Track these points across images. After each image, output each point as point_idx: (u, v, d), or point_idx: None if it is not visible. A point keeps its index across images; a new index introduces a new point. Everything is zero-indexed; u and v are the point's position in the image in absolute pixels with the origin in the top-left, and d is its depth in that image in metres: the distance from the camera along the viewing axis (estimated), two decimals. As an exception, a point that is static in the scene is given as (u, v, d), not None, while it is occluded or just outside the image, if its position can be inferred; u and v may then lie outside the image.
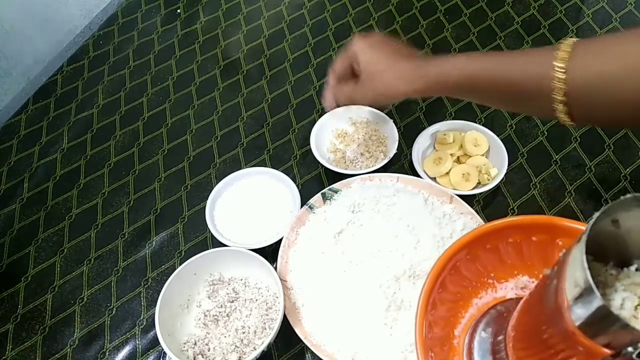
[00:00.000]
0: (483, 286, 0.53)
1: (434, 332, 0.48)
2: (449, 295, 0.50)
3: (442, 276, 0.48)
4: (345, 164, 0.72)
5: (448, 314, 0.50)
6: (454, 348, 0.49)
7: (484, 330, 0.49)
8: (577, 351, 0.31)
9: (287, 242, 0.64)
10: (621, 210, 0.30)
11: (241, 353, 0.57)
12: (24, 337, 0.64)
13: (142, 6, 1.00)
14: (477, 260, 0.51)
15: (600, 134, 0.74)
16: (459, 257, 0.49)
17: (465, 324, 0.51)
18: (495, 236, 0.49)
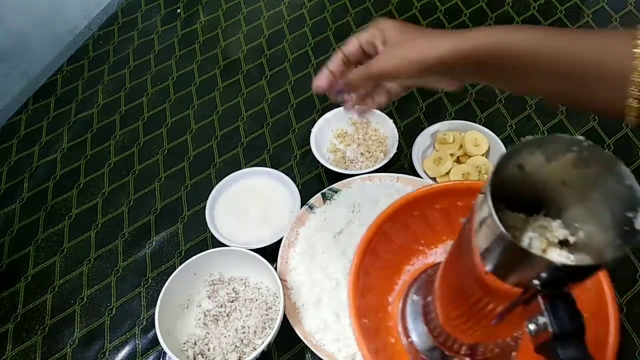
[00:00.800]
0: (414, 253, 0.54)
1: (368, 299, 0.48)
2: (381, 262, 0.51)
3: (373, 244, 0.49)
4: (345, 164, 0.72)
5: (381, 281, 0.51)
6: (388, 314, 0.50)
7: (415, 294, 0.50)
8: (492, 295, 0.32)
9: (287, 242, 0.64)
10: (524, 154, 0.30)
11: (241, 353, 0.57)
12: (24, 337, 0.64)
13: (142, 6, 1.00)
14: (407, 228, 0.52)
15: (600, 134, 0.74)
16: (389, 225, 0.50)
17: (399, 290, 0.52)
18: (422, 203, 0.50)
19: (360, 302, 0.46)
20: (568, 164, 0.29)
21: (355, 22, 0.93)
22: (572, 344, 0.26)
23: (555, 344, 0.26)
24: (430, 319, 0.47)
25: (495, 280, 0.29)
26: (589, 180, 0.28)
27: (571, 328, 0.26)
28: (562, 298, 0.27)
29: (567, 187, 0.30)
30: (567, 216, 0.31)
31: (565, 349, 0.26)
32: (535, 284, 0.27)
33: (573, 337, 0.26)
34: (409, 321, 0.49)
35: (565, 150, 0.29)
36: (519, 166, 0.30)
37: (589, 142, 0.27)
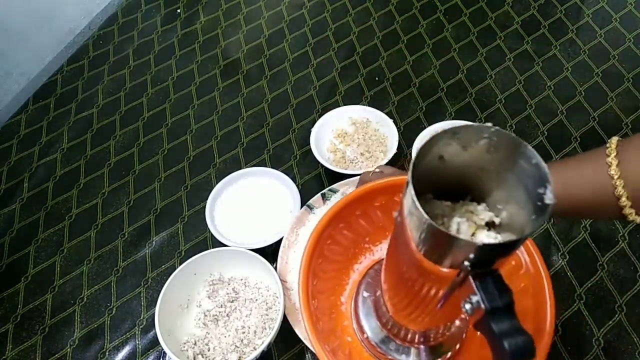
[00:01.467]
0: (361, 251, 0.55)
1: (321, 301, 0.49)
2: (330, 264, 0.52)
3: (320, 247, 0.50)
4: (345, 164, 0.72)
5: (332, 282, 0.52)
6: (342, 313, 0.52)
7: (365, 291, 0.52)
8: (431, 280, 0.33)
9: (287, 243, 0.64)
10: (442, 145, 0.31)
11: (241, 353, 0.57)
12: (24, 337, 0.64)
13: (142, 6, 1.00)
14: (351, 227, 0.53)
15: (600, 134, 0.74)
16: (333, 227, 0.51)
17: (350, 289, 0.53)
18: (362, 202, 0.52)
19: (313, 305, 0.48)
20: (482, 150, 0.30)
21: (355, 22, 0.93)
22: (503, 318, 0.28)
23: (489, 319, 0.28)
24: (381, 313, 0.48)
25: (432, 265, 0.31)
26: (502, 163, 0.30)
27: (501, 303, 0.28)
28: (491, 275, 0.28)
29: (485, 172, 0.32)
30: (490, 199, 0.33)
31: (498, 323, 0.28)
32: (466, 265, 0.28)
33: (504, 311, 0.28)
34: (362, 318, 0.51)
35: (477, 138, 0.30)
36: (439, 157, 0.31)
37: (495, 128, 0.28)
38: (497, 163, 0.30)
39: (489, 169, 0.31)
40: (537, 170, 0.27)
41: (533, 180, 0.28)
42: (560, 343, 0.58)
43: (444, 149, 0.31)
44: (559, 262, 0.63)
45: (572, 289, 0.61)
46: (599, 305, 0.60)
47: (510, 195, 0.31)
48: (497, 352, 0.29)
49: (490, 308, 0.28)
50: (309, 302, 0.47)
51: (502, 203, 0.32)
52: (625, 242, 0.64)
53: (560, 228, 0.66)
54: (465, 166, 0.32)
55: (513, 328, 0.28)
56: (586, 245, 0.64)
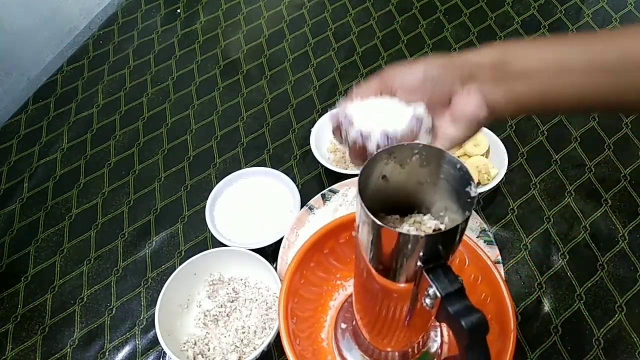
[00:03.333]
0: (334, 288, 0.58)
1: (302, 341, 0.51)
2: (306, 304, 0.54)
3: (294, 287, 0.52)
4: (345, 164, 0.72)
5: (310, 322, 0.55)
6: (324, 350, 0.54)
7: (343, 323, 0.54)
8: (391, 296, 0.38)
9: (287, 243, 0.64)
10: (382, 165, 0.34)
11: (241, 353, 0.57)
12: (24, 337, 0.64)
13: (142, 6, 1.00)
14: (321, 266, 0.55)
15: (600, 134, 0.74)
16: (305, 267, 0.53)
17: (329, 325, 0.56)
18: (327, 239, 0.54)
19: (295, 346, 0.49)
20: (416, 165, 0.34)
21: (355, 22, 0.93)
22: (457, 301, 0.31)
23: (445, 304, 0.31)
24: (360, 341, 0.50)
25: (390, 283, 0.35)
26: (435, 174, 0.34)
27: (453, 288, 0.31)
28: (441, 268, 0.32)
29: (424, 186, 0.36)
30: (433, 210, 0.37)
31: (453, 305, 0.31)
32: (419, 265, 0.32)
33: (456, 295, 0.31)
34: (343, 349, 0.53)
35: (410, 155, 0.33)
36: (382, 177, 0.35)
37: (422, 144, 0.33)
38: (431, 175, 0.34)
39: (426, 181, 0.35)
40: (461, 173, 0.32)
41: (461, 182, 0.32)
42: (560, 343, 0.58)
43: (385, 169, 0.34)
44: (559, 262, 0.63)
45: (572, 289, 0.61)
46: (598, 305, 0.60)
47: (447, 201, 0.35)
48: (457, 332, 0.32)
49: (445, 294, 0.31)
50: (291, 341, 0.48)
51: (442, 211, 0.36)
52: (625, 242, 0.64)
53: (560, 228, 0.66)
54: (406, 182, 0.36)
55: (466, 308, 0.31)
56: (586, 245, 0.64)
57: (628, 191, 0.68)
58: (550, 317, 0.60)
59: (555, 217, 0.67)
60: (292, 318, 0.51)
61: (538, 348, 0.58)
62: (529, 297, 0.61)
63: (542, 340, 0.58)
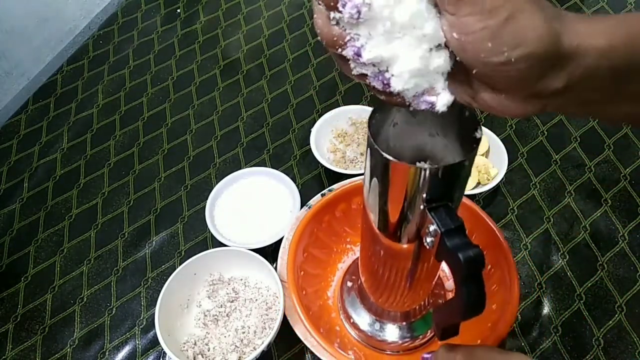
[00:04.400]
0: (344, 251, 0.60)
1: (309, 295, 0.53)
2: (316, 262, 0.56)
3: (304, 243, 0.54)
4: (345, 164, 0.72)
5: (318, 279, 0.57)
6: (329, 307, 0.56)
7: (349, 281, 0.56)
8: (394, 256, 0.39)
9: (287, 243, 0.64)
10: (394, 112, 0.35)
11: (241, 353, 0.57)
12: (24, 337, 0.64)
13: (142, 6, 1.00)
14: (332, 229, 0.57)
15: (600, 134, 0.74)
16: (316, 226, 0.55)
17: (335, 284, 0.58)
18: (340, 201, 0.55)
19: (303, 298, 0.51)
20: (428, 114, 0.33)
21: (355, 22, 0.92)
22: (456, 236, 0.32)
23: (444, 240, 0.33)
24: (365, 300, 0.52)
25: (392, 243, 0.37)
26: (446, 126, 0.35)
27: (453, 225, 0.33)
28: (443, 207, 0.34)
29: (434, 138, 0.36)
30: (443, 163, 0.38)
31: (452, 240, 0.32)
32: (423, 205, 0.33)
33: (456, 231, 0.33)
34: (348, 307, 0.55)
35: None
36: (394, 124, 0.36)
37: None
38: (442, 127, 0.35)
39: (437, 134, 0.36)
40: (472, 121, 0.32)
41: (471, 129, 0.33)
42: (560, 343, 0.58)
43: (397, 115, 0.35)
44: (559, 262, 0.63)
45: (572, 289, 0.61)
46: (598, 305, 0.60)
47: (457, 156, 0.35)
48: (454, 265, 0.33)
49: (444, 230, 0.33)
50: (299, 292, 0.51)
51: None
52: (625, 242, 0.64)
53: (560, 228, 0.66)
54: (416, 132, 0.36)
55: (464, 243, 0.32)
56: (586, 245, 0.64)
57: (628, 191, 0.68)
58: (550, 317, 0.60)
59: (555, 217, 0.67)
60: (300, 271, 0.52)
61: (538, 348, 0.58)
62: (529, 297, 0.61)
63: (542, 340, 0.58)
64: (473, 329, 0.46)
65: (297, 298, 0.49)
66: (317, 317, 0.52)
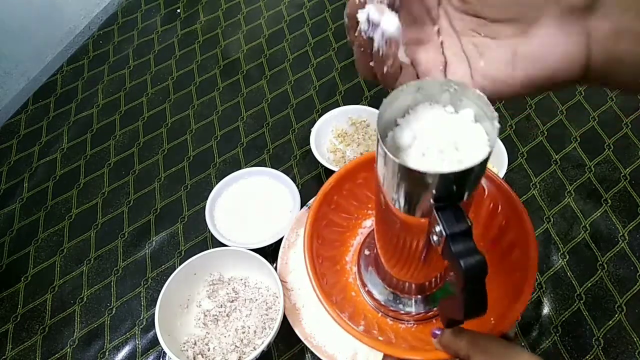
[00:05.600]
0: (364, 217, 0.59)
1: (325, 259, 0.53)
2: (334, 227, 0.56)
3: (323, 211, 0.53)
4: (345, 163, 0.72)
5: (337, 244, 0.57)
6: (346, 271, 0.56)
7: (367, 249, 0.56)
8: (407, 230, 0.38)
9: (287, 243, 0.64)
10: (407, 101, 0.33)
11: (241, 353, 0.57)
12: (24, 337, 0.64)
13: (142, 6, 1.00)
14: (353, 195, 0.56)
15: (600, 134, 0.74)
16: (336, 192, 0.54)
17: (354, 250, 0.58)
18: (361, 169, 0.54)
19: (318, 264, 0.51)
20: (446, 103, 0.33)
21: (355, 22, 0.92)
22: (461, 241, 0.31)
23: (449, 243, 0.32)
24: (380, 269, 0.52)
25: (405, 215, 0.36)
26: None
27: (459, 229, 0.32)
28: (452, 208, 0.32)
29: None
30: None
31: (456, 245, 0.31)
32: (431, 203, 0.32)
33: (461, 236, 0.32)
34: (364, 273, 0.55)
35: (440, 91, 0.32)
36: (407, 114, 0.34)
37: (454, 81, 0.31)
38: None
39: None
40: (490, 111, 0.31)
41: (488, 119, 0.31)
42: (560, 343, 0.58)
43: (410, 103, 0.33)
44: (559, 262, 0.63)
45: (571, 289, 0.61)
46: (598, 305, 0.60)
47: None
48: (456, 272, 0.32)
49: (450, 233, 0.32)
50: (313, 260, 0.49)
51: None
52: (625, 242, 0.64)
53: (560, 228, 0.66)
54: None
55: (468, 249, 0.31)
56: (586, 245, 0.64)
57: (628, 191, 0.68)
58: (550, 317, 0.60)
59: (555, 217, 0.67)
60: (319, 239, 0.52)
61: (538, 348, 0.58)
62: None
63: (542, 340, 0.58)
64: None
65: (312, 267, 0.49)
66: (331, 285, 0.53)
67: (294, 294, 0.60)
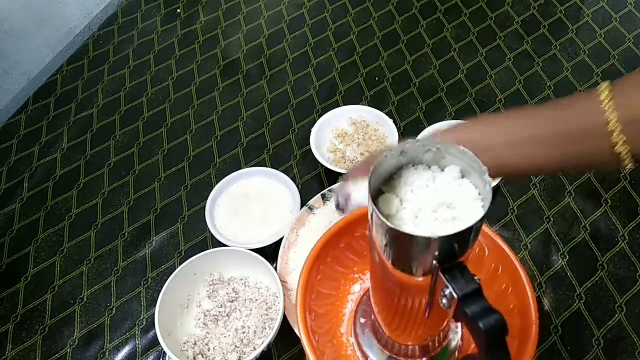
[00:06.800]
0: (352, 281, 0.58)
1: (321, 335, 0.51)
2: (324, 299, 0.54)
3: (311, 282, 0.51)
4: (345, 163, 0.72)
5: (329, 316, 0.55)
6: (342, 344, 0.54)
7: (361, 317, 0.54)
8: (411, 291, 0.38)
9: (287, 243, 0.64)
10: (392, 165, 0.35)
11: (241, 353, 0.57)
12: (24, 337, 0.64)
13: (142, 6, 1.00)
14: (338, 261, 0.55)
15: (600, 134, 0.74)
16: (321, 262, 0.53)
17: (347, 319, 0.56)
18: (343, 234, 0.54)
19: (315, 340, 0.49)
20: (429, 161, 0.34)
21: (355, 21, 0.92)
22: (474, 302, 0.31)
23: (462, 306, 0.31)
24: (379, 335, 0.50)
25: (405, 276, 0.35)
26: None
27: (470, 289, 0.31)
28: (457, 268, 0.32)
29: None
30: None
31: (470, 307, 0.31)
32: (434, 264, 0.32)
33: (473, 296, 0.31)
34: (363, 343, 0.52)
35: (422, 152, 0.34)
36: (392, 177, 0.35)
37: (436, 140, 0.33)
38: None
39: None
40: (478, 165, 0.32)
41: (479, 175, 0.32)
42: (560, 343, 0.58)
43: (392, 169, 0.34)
44: (559, 262, 0.63)
45: (571, 288, 0.61)
46: (598, 305, 0.60)
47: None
48: (475, 333, 0.31)
49: (462, 295, 0.31)
50: (309, 335, 0.48)
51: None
52: (625, 242, 0.64)
53: (560, 228, 0.66)
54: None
55: (484, 309, 0.31)
56: (586, 245, 0.64)
57: (628, 191, 0.68)
58: (550, 317, 0.60)
59: (555, 217, 0.67)
60: (310, 314, 0.51)
61: (538, 348, 0.58)
62: (529, 297, 0.61)
63: (542, 340, 0.58)
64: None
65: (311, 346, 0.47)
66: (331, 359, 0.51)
67: (294, 294, 0.60)
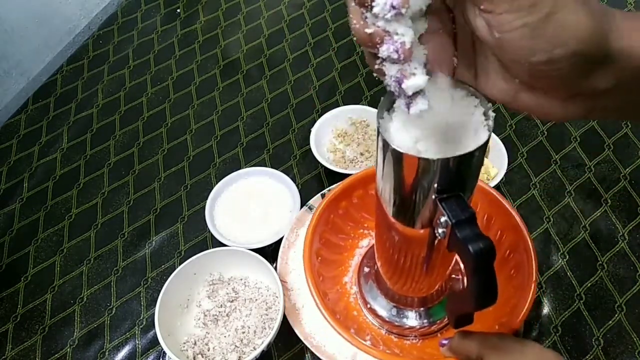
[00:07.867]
0: (361, 236, 0.60)
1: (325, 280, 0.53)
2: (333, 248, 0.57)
3: (320, 230, 0.54)
4: (345, 163, 0.72)
5: (335, 265, 0.57)
6: (347, 291, 0.56)
7: (366, 267, 0.56)
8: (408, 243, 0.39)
9: (286, 243, 0.64)
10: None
11: (241, 353, 0.57)
12: (24, 337, 0.64)
13: (142, 6, 1.00)
14: (349, 215, 0.57)
15: (600, 134, 0.74)
16: (332, 212, 0.55)
17: (353, 271, 0.58)
18: (356, 188, 0.55)
19: (319, 282, 0.51)
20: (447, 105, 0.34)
21: (355, 22, 0.92)
22: (467, 228, 0.32)
23: (455, 231, 0.32)
24: (381, 284, 0.52)
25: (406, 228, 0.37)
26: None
27: (464, 216, 0.32)
28: (454, 198, 0.33)
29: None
30: None
31: (462, 232, 0.32)
32: (434, 196, 0.33)
33: (467, 222, 0.32)
34: (365, 290, 0.55)
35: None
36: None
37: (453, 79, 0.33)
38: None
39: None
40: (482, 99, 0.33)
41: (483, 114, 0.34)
42: (560, 343, 0.58)
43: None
44: (559, 262, 0.63)
45: (571, 288, 0.61)
46: (598, 305, 0.60)
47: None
48: (465, 258, 0.33)
49: (455, 221, 0.32)
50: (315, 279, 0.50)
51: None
52: (625, 242, 0.64)
53: (560, 228, 0.66)
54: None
55: (475, 234, 0.32)
56: (586, 245, 0.64)
57: (628, 191, 0.68)
58: (550, 317, 0.60)
59: (555, 217, 0.67)
60: (317, 257, 0.52)
61: (538, 348, 0.58)
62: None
63: (542, 340, 0.58)
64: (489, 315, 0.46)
65: (314, 284, 0.49)
66: (334, 303, 0.52)
67: (293, 293, 0.60)
